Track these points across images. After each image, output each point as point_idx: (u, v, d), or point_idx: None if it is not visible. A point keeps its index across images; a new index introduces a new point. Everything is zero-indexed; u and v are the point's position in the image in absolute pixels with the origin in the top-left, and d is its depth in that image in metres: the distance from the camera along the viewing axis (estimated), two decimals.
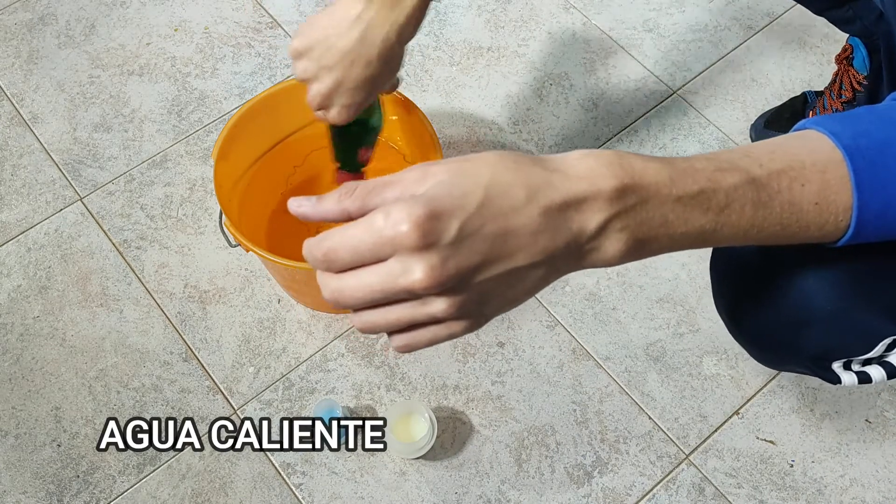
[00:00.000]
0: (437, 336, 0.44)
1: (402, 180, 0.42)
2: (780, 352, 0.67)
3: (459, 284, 0.41)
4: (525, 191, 0.41)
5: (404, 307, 0.42)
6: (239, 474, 1.00)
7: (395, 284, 0.40)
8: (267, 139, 1.10)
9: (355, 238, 0.41)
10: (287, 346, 1.09)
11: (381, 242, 0.40)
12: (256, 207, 1.12)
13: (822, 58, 1.33)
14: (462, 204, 0.40)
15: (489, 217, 0.41)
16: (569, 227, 0.42)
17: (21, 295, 1.12)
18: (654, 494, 1.00)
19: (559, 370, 1.07)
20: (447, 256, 0.40)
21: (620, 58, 1.34)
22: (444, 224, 0.40)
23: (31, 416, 1.04)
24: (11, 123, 1.27)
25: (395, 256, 0.40)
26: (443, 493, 0.99)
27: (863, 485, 1.00)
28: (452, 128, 1.26)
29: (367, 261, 0.41)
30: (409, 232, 0.39)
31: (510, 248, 0.41)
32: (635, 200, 0.42)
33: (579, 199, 0.42)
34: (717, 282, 0.71)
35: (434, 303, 0.41)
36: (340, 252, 0.42)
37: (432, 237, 0.39)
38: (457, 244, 0.40)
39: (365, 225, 0.41)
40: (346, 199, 0.43)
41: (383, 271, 0.41)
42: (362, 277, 0.41)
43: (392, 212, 0.40)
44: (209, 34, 1.36)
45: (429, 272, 0.40)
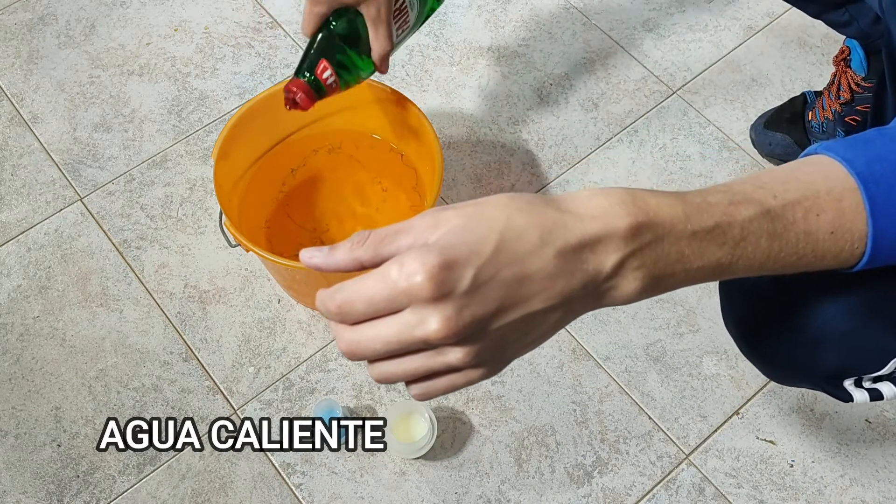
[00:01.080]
0: (455, 384, 0.43)
1: (414, 227, 0.42)
2: (792, 371, 0.67)
3: (476, 333, 0.41)
4: (539, 234, 0.41)
5: (421, 357, 0.42)
6: (239, 474, 1.00)
7: (411, 336, 0.40)
8: (267, 139, 1.10)
9: (370, 290, 0.41)
10: (287, 346, 1.09)
11: (395, 294, 0.40)
12: (256, 207, 1.12)
13: (822, 58, 1.33)
14: (476, 251, 0.40)
15: (504, 263, 0.40)
16: (585, 268, 0.41)
17: (21, 295, 1.12)
18: (654, 494, 1.00)
19: (559, 370, 1.07)
20: (463, 306, 0.40)
21: (620, 58, 1.34)
22: (459, 273, 0.39)
23: (31, 416, 1.04)
24: (11, 123, 1.27)
25: (410, 307, 0.40)
26: (443, 493, 0.99)
27: (863, 485, 1.00)
28: (452, 128, 1.26)
29: (382, 312, 0.41)
30: (424, 283, 0.39)
31: (526, 293, 0.41)
32: (650, 238, 0.42)
33: (594, 239, 0.41)
34: (727, 303, 0.71)
35: (451, 352, 0.41)
36: (355, 304, 0.41)
37: (447, 287, 0.39)
38: (472, 293, 0.40)
39: (379, 276, 0.40)
40: (359, 249, 0.43)
41: (399, 322, 0.40)
42: (378, 329, 0.41)
43: (406, 262, 0.39)
44: (209, 34, 1.36)
45: (444, 323, 0.39)
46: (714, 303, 1.11)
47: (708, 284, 1.12)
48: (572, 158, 1.24)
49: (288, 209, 1.16)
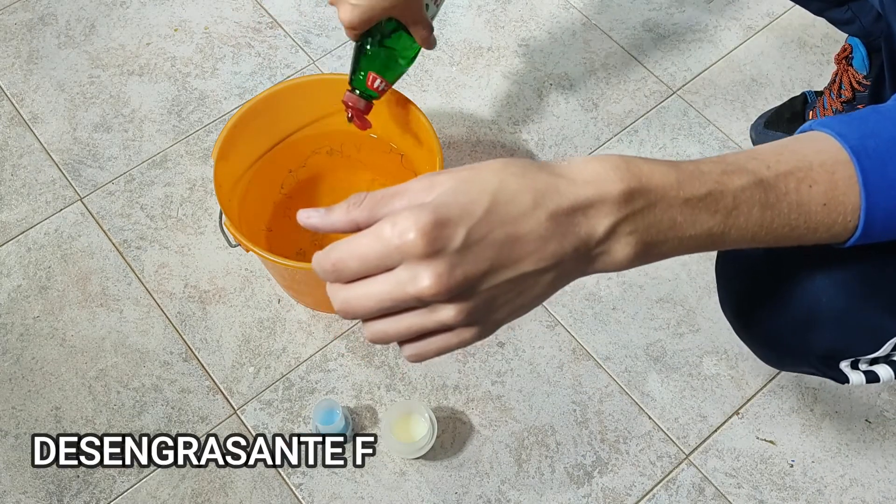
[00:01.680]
0: (448, 344, 0.44)
1: (409, 190, 0.42)
2: (788, 352, 0.67)
3: (468, 291, 0.41)
4: (532, 196, 0.41)
5: (413, 315, 0.42)
6: (239, 474, 1.00)
7: (404, 292, 0.41)
8: (267, 139, 1.10)
9: (363, 247, 0.41)
10: (287, 346, 1.09)
11: (388, 251, 0.40)
12: (256, 207, 1.12)
13: (822, 58, 1.33)
14: (469, 211, 0.41)
15: (496, 223, 0.41)
16: (577, 231, 0.42)
17: (21, 295, 1.12)
18: (654, 494, 1.00)
19: (559, 370, 1.07)
20: (455, 263, 0.40)
21: (620, 58, 1.34)
22: (451, 231, 0.40)
23: (31, 416, 1.04)
24: (11, 123, 1.27)
25: (402, 265, 0.41)
26: (443, 493, 0.99)
27: (863, 485, 1.00)
28: (452, 128, 1.26)
29: (376, 270, 0.41)
30: (416, 239, 0.39)
31: (518, 253, 0.41)
32: (643, 204, 0.43)
33: (587, 203, 0.42)
34: (723, 283, 0.71)
35: (443, 310, 0.42)
36: (349, 262, 0.42)
37: (439, 244, 0.40)
38: (464, 251, 0.40)
39: (372, 234, 0.41)
40: (355, 210, 0.43)
41: (391, 279, 0.41)
42: (371, 286, 0.42)
43: (399, 220, 0.40)
44: (209, 34, 1.36)
45: (436, 279, 0.40)
46: (714, 302, 1.11)
47: (709, 283, 1.12)
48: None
49: (288, 209, 1.16)
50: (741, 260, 0.66)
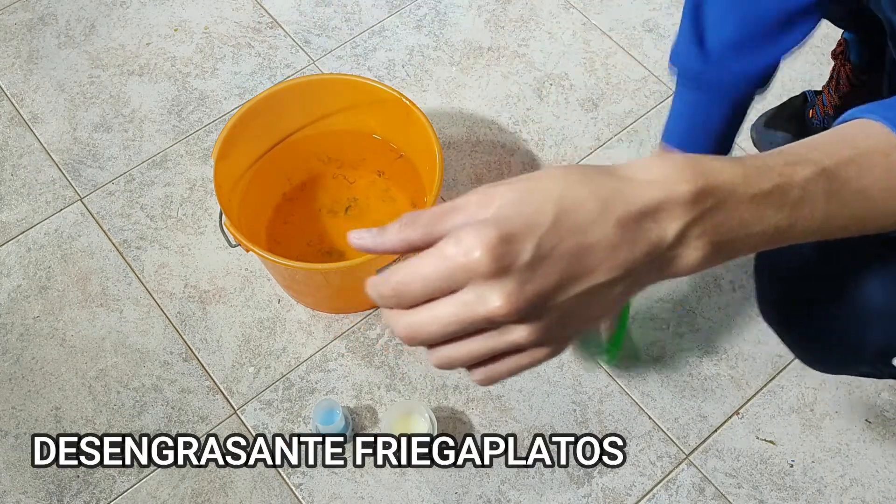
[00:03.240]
0: (520, 365, 0.41)
1: (466, 204, 0.40)
2: (839, 353, 0.66)
3: (539, 308, 0.39)
4: (598, 203, 0.39)
5: (483, 338, 0.40)
6: (239, 474, 1.00)
7: (473, 314, 0.38)
8: (267, 139, 1.10)
9: (426, 269, 0.39)
10: (287, 346, 1.09)
11: (453, 271, 0.38)
12: (256, 207, 1.12)
13: (821, 57, 1.33)
14: (534, 223, 0.38)
15: (564, 234, 0.38)
16: (647, 237, 0.40)
17: (21, 295, 1.12)
18: (654, 494, 1.00)
19: (559, 370, 1.07)
20: (524, 280, 0.38)
21: (620, 58, 1.34)
22: (519, 246, 0.38)
23: (31, 416, 1.04)
24: (11, 123, 1.27)
25: (469, 285, 0.38)
26: (443, 493, 0.99)
27: (863, 485, 1.00)
28: (452, 128, 1.26)
29: (440, 292, 0.39)
30: (482, 258, 0.37)
31: (588, 265, 0.39)
32: (712, 203, 0.41)
33: (655, 206, 0.40)
34: (766, 287, 0.69)
35: (514, 331, 0.39)
36: (411, 286, 0.39)
37: (507, 261, 0.37)
38: (533, 266, 0.38)
39: (435, 255, 0.38)
40: (408, 229, 0.41)
41: (458, 302, 0.38)
42: (437, 310, 0.39)
43: (462, 238, 0.37)
44: (209, 34, 1.36)
45: (506, 299, 0.37)
46: (714, 303, 1.12)
47: (707, 284, 1.12)
48: (572, 158, 1.24)
49: (288, 208, 1.16)
50: (786, 261, 0.65)
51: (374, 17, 1.37)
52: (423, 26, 1.36)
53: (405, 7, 1.38)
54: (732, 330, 1.10)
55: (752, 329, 1.10)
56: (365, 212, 1.16)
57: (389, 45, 1.34)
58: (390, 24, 1.37)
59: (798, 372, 1.07)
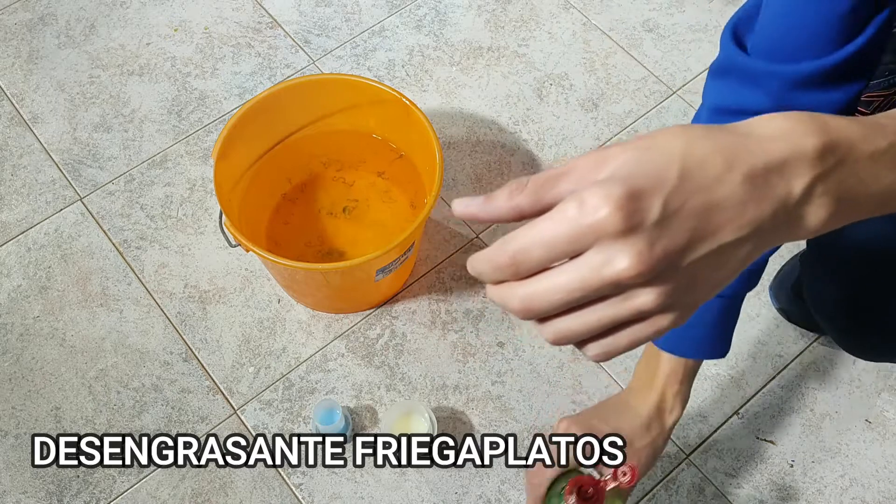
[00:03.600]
0: (641, 335, 0.39)
1: (577, 168, 0.38)
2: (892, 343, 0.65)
3: (668, 270, 0.37)
4: (723, 158, 0.37)
5: (605, 306, 0.37)
6: (239, 474, 1.00)
7: (599, 278, 0.36)
8: (267, 139, 1.10)
9: (547, 232, 0.36)
10: (287, 346, 1.09)
11: (578, 233, 0.35)
12: (256, 207, 1.12)
13: None
14: (661, 179, 0.36)
15: (691, 191, 0.37)
16: (775, 193, 0.38)
17: (21, 295, 1.12)
18: (654, 494, 1.00)
19: (559, 370, 1.07)
20: (654, 238, 0.36)
21: (620, 58, 1.34)
22: (647, 203, 0.36)
23: (31, 416, 1.04)
24: (11, 123, 1.27)
25: (595, 246, 0.36)
26: (443, 493, 0.99)
27: (863, 485, 1.00)
28: (452, 128, 1.26)
29: (562, 256, 0.37)
30: (611, 215, 0.35)
31: (717, 222, 0.37)
32: (835, 160, 0.39)
33: (781, 161, 0.38)
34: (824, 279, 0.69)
35: (640, 295, 0.37)
36: (532, 252, 0.37)
37: (636, 218, 0.35)
38: (662, 224, 0.36)
39: (557, 217, 0.36)
40: (518, 195, 0.39)
41: (583, 265, 0.36)
42: (559, 277, 0.37)
43: (587, 198, 0.35)
44: (209, 34, 1.36)
45: (637, 258, 0.35)
46: None
47: None
48: (572, 158, 1.24)
49: (288, 208, 1.16)
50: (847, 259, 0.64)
51: (374, 17, 1.37)
52: (423, 26, 1.36)
53: (405, 7, 1.38)
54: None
55: (752, 329, 1.10)
56: (365, 212, 1.16)
57: (389, 45, 1.34)
58: (390, 24, 1.37)
59: (798, 372, 1.07)
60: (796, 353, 1.08)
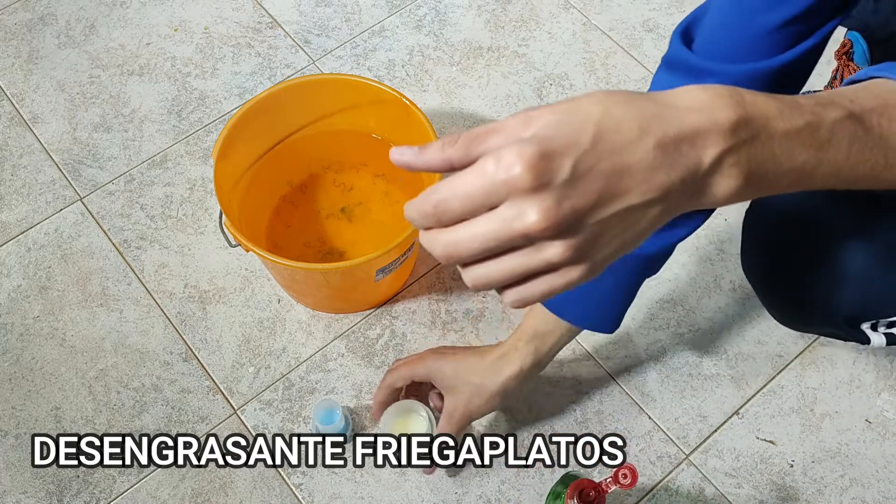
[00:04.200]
0: (553, 285, 0.42)
1: (506, 126, 0.41)
2: (812, 313, 0.68)
3: (575, 226, 0.40)
4: (638, 124, 0.40)
5: (518, 255, 0.41)
6: (239, 474, 1.00)
7: (510, 229, 0.39)
8: (267, 139, 1.10)
9: (466, 185, 0.40)
10: (287, 346, 1.09)
11: (493, 187, 0.39)
12: (256, 207, 1.12)
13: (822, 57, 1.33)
14: (574, 142, 0.39)
15: (603, 154, 0.39)
16: (685, 161, 0.40)
17: (21, 295, 1.12)
18: (654, 494, 1.00)
19: (559, 370, 1.07)
20: (562, 196, 0.39)
21: (620, 58, 1.34)
22: (557, 163, 0.38)
23: (31, 416, 1.04)
24: (11, 123, 1.27)
25: (508, 201, 0.39)
26: (443, 493, 0.99)
27: (863, 485, 1.00)
28: (452, 128, 1.26)
29: (480, 209, 0.40)
30: (522, 173, 0.38)
31: (626, 185, 0.40)
32: (748, 134, 0.41)
33: (694, 132, 0.40)
34: (751, 240, 0.71)
35: (549, 247, 0.40)
36: (452, 202, 0.40)
37: (546, 177, 0.38)
38: (571, 183, 0.39)
39: (476, 171, 0.39)
40: (449, 148, 0.42)
41: (497, 217, 0.39)
42: (475, 227, 0.40)
43: (503, 155, 0.38)
44: (209, 34, 1.36)
45: (544, 213, 0.38)
46: (714, 303, 1.12)
47: (708, 284, 1.12)
48: None
49: (288, 208, 1.16)
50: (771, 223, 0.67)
51: (374, 17, 1.37)
52: (423, 26, 1.36)
53: (405, 7, 1.38)
54: (732, 330, 1.10)
55: (752, 329, 1.10)
56: (365, 212, 1.16)
57: (389, 45, 1.34)
58: (390, 24, 1.37)
59: (798, 372, 1.07)
60: (796, 353, 1.09)
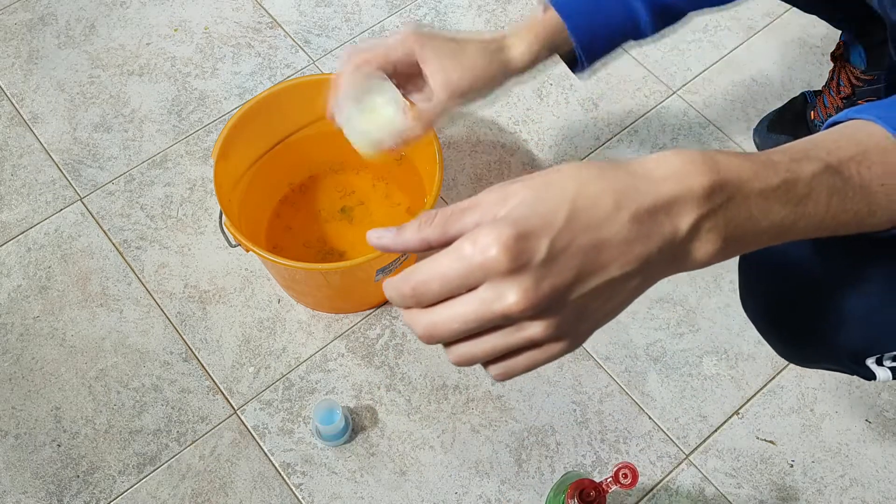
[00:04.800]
0: (535, 360, 0.42)
1: (481, 203, 0.41)
2: (816, 351, 0.67)
3: (555, 304, 0.40)
4: (613, 198, 0.40)
5: (500, 334, 0.41)
6: (239, 474, 1.00)
7: (490, 311, 0.39)
8: (267, 139, 1.10)
9: (444, 268, 0.40)
10: (287, 346, 1.09)
11: (470, 270, 0.39)
12: (256, 207, 1.12)
13: (821, 58, 1.33)
14: (550, 220, 0.39)
15: (579, 230, 0.39)
16: (661, 231, 0.41)
17: (21, 295, 1.12)
18: (654, 494, 1.00)
19: (559, 370, 1.07)
20: (541, 276, 0.39)
21: (620, 58, 1.34)
22: (534, 243, 0.38)
23: (31, 416, 1.04)
24: (11, 123, 1.27)
25: (486, 283, 0.39)
26: (443, 493, 0.99)
27: (863, 485, 1.00)
28: (452, 128, 1.26)
29: (458, 290, 0.40)
30: (499, 255, 0.38)
31: (603, 259, 0.40)
32: (723, 198, 0.41)
33: (669, 201, 0.41)
34: (750, 282, 0.71)
35: (530, 326, 0.40)
36: (430, 284, 0.40)
37: (523, 258, 0.38)
38: (549, 262, 0.39)
39: (453, 254, 0.39)
40: (427, 228, 0.42)
41: (476, 299, 0.39)
42: (455, 308, 0.40)
43: (479, 237, 0.38)
44: (209, 34, 1.36)
45: (523, 295, 0.38)
46: (714, 303, 1.12)
47: (707, 284, 1.12)
48: (572, 158, 1.24)
49: (288, 208, 1.16)
50: (768, 263, 0.66)
51: (374, 17, 1.37)
52: (423, 26, 1.36)
53: (405, 7, 1.38)
54: (732, 330, 1.10)
55: (752, 329, 1.09)
56: (365, 213, 1.16)
57: None
58: (390, 24, 1.37)
59: (798, 372, 1.07)
60: None
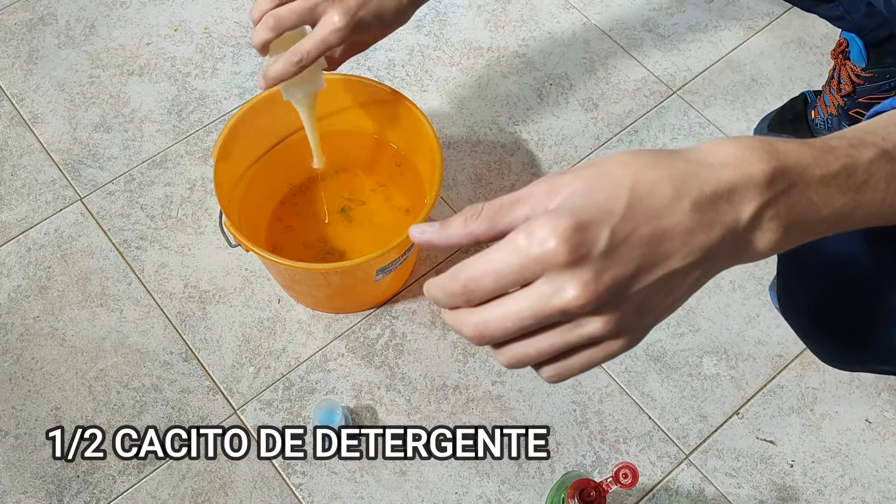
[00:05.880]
0: (593, 359, 0.40)
1: (531, 195, 0.39)
2: (862, 351, 0.66)
3: (616, 298, 0.38)
4: (672, 186, 0.38)
5: (556, 332, 0.39)
6: (239, 474, 1.00)
7: (548, 307, 0.37)
8: (267, 139, 1.10)
9: (497, 262, 0.37)
10: (287, 346, 1.09)
11: (527, 263, 0.37)
12: (256, 207, 1.12)
13: (821, 58, 1.33)
14: (608, 209, 0.37)
15: (640, 219, 0.37)
16: (723, 220, 0.39)
17: (21, 295, 1.12)
18: (654, 494, 1.00)
19: None
20: (601, 268, 0.37)
21: (620, 58, 1.34)
22: (594, 234, 0.36)
23: (31, 416, 1.04)
24: (11, 123, 1.27)
25: (543, 276, 0.37)
26: (443, 493, 0.99)
27: (863, 485, 1.00)
28: (452, 128, 1.26)
29: (512, 286, 0.38)
30: (558, 247, 0.36)
31: (665, 250, 0.38)
32: (784, 185, 0.40)
33: (730, 188, 0.39)
34: (790, 282, 0.69)
35: (590, 322, 0.38)
36: (483, 280, 0.38)
37: (583, 250, 0.36)
38: (610, 254, 0.37)
39: (506, 247, 0.37)
40: (473, 222, 0.40)
41: (533, 294, 0.37)
42: (509, 305, 0.38)
43: (535, 229, 0.36)
44: (209, 34, 1.36)
45: (584, 288, 0.36)
46: (714, 303, 1.12)
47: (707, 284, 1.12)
48: (572, 158, 1.24)
49: (288, 208, 1.16)
50: (810, 261, 0.65)
51: None
52: (423, 26, 1.36)
53: None
54: (732, 330, 1.10)
55: (752, 329, 1.10)
56: (365, 213, 1.16)
57: (389, 45, 1.34)
58: None
59: (798, 372, 1.07)
60: (796, 353, 1.09)
